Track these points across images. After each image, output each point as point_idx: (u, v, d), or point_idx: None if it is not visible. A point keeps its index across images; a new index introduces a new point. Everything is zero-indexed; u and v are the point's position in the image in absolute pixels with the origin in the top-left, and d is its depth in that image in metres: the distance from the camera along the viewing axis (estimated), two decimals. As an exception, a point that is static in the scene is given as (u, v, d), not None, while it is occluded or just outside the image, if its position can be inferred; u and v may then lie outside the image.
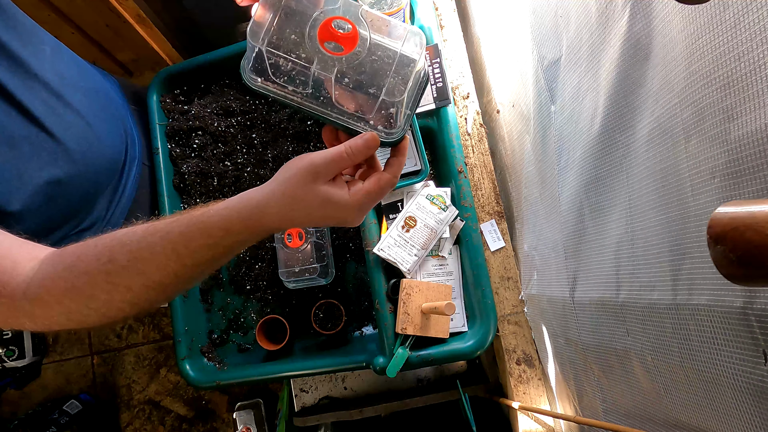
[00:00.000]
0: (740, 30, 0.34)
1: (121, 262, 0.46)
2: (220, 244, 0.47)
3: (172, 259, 0.46)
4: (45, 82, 0.66)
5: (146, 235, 0.47)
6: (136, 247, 0.47)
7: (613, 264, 0.54)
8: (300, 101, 0.50)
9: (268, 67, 0.49)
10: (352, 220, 0.50)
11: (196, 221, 0.47)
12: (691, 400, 0.45)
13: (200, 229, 0.46)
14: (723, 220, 0.25)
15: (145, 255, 0.46)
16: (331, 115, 0.50)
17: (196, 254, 0.47)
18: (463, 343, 0.73)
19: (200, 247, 0.46)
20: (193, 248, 0.46)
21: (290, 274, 0.83)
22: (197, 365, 0.87)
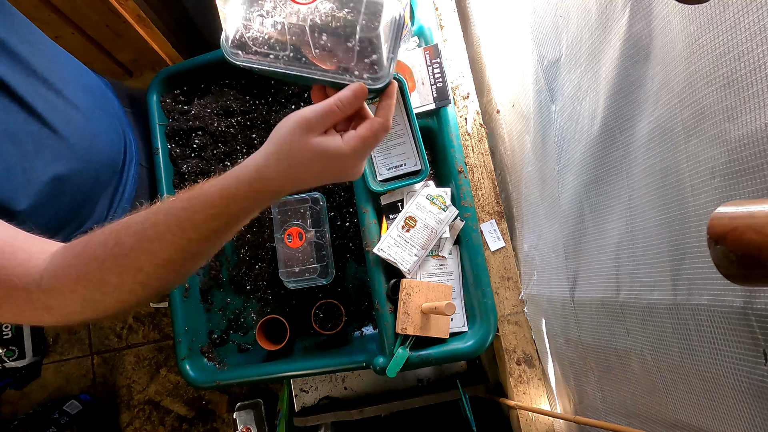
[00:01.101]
0: (740, 30, 0.34)
1: (128, 244, 0.46)
2: (224, 213, 0.47)
3: (177, 235, 0.46)
4: (44, 78, 0.66)
5: (149, 215, 0.47)
6: (141, 228, 0.47)
7: (613, 264, 0.54)
8: (284, 67, 0.50)
9: (247, 40, 0.50)
10: (351, 169, 0.50)
11: (197, 194, 0.47)
12: (691, 400, 0.45)
13: (202, 202, 0.46)
14: (723, 220, 0.25)
15: (150, 234, 0.46)
16: (315, 74, 0.50)
17: (201, 227, 0.46)
18: (463, 343, 0.73)
19: (205, 219, 0.46)
20: (198, 221, 0.46)
21: (290, 274, 0.83)
22: (197, 365, 0.87)
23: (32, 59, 0.64)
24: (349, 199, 0.91)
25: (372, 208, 0.77)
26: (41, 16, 1.09)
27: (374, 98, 0.56)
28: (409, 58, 0.78)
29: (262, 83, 0.97)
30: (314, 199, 0.86)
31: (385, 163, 0.79)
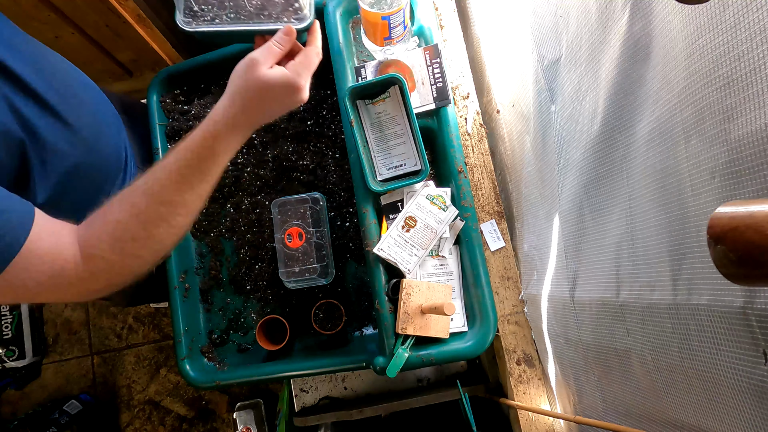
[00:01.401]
0: (740, 30, 0.34)
1: (142, 203, 0.55)
2: (211, 152, 0.57)
3: (179, 181, 0.56)
4: (52, 72, 0.67)
5: (149, 176, 0.56)
6: (147, 186, 0.56)
7: (613, 264, 0.54)
8: (228, 27, 0.63)
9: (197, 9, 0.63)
10: (298, 94, 0.61)
11: (185, 146, 0.57)
12: (691, 400, 0.45)
13: (189, 148, 0.56)
14: (723, 220, 0.25)
15: (156, 188, 0.55)
16: (254, 26, 0.63)
17: (196, 168, 0.56)
18: (463, 343, 0.73)
19: (198, 160, 0.56)
20: (193, 164, 0.56)
21: (290, 274, 0.83)
22: (197, 365, 0.87)
23: (39, 57, 0.66)
24: (349, 199, 0.91)
25: (372, 208, 0.77)
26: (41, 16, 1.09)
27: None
28: (409, 58, 0.78)
29: (262, 83, 0.97)
30: (314, 199, 0.86)
31: (385, 163, 0.79)
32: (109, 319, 1.81)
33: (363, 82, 0.75)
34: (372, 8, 0.72)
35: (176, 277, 0.89)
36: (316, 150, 0.93)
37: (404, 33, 0.78)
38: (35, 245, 0.51)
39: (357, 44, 0.84)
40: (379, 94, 0.78)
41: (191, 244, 0.94)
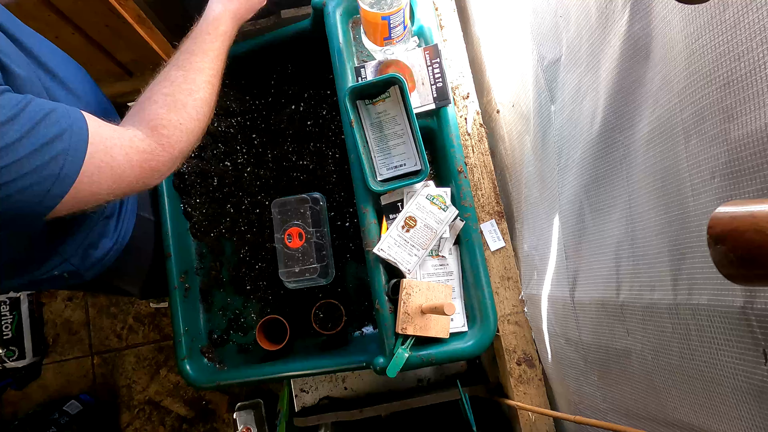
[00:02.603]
0: (740, 30, 0.34)
1: (179, 78, 0.65)
2: (217, 33, 0.70)
3: (200, 53, 0.68)
4: (62, 55, 0.74)
5: (173, 59, 0.68)
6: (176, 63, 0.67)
7: (613, 264, 0.54)
8: None
9: None
10: None
11: (194, 34, 0.70)
12: (691, 400, 0.45)
13: (200, 32, 0.70)
14: (723, 220, 0.25)
15: (184, 63, 0.67)
16: None
17: (210, 43, 0.69)
18: (463, 343, 0.73)
19: (208, 36, 0.70)
20: (206, 39, 0.69)
21: (290, 274, 0.83)
22: (197, 365, 0.87)
23: (47, 57, 0.68)
24: (349, 199, 0.91)
25: (372, 208, 0.77)
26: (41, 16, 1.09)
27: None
28: (409, 58, 0.78)
29: (262, 83, 0.97)
30: (314, 199, 0.86)
31: (385, 163, 0.79)
32: (109, 319, 1.81)
33: (363, 82, 0.75)
34: (372, 8, 0.72)
35: (176, 277, 0.89)
36: (316, 150, 0.93)
37: (404, 33, 0.78)
38: (98, 128, 0.55)
39: (357, 44, 0.84)
40: (379, 94, 0.78)
41: (191, 244, 0.94)
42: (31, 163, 0.48)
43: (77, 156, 0.51)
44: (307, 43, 0.90)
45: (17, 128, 0.48)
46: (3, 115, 0.47)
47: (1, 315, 1.70)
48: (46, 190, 0.50)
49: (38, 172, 0.49)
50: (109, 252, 0.79)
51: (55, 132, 0.50)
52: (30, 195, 0.49)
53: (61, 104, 0.54)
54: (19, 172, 0.47)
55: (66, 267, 0.75)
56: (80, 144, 0.52)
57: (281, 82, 0.96)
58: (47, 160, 0.49)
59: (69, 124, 0.52)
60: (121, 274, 0.87)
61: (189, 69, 0.66)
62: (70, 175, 0.51)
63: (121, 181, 0.56)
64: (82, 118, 0.54)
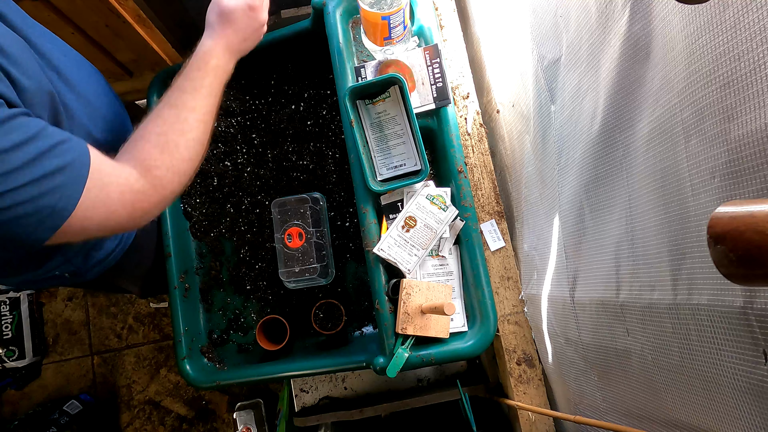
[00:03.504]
0: (740, 30, 0.34)
1: (170, 117, 0.64)
2: (208, 64, 0.69)
3: (192, 91, 0.67)
4: (76, 57, 0.75)
5: (165, 97, 0.67)
6: (168, 102, 0.66)
7: (613, 264, 0.54)
8: None
9: None
10: (254, 10, 0.73)
11: (187, 69, 0.68)
12: (691, 400, 0.45)
13: (192, 68, 0.68)
14: (723, 220, 0.25)
15: (176, 101, 0.66)
16: None
17: (203, 80, 0.68)
18: (463, 343, 0.73)
19: (200, 73, 0.68)
20: (199, 76, 0.68)
21: (290, 274, 0.83)
22: (197, 365, 0.87)
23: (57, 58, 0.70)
24: (349, 199, 0.91)
25: (372, 208, 0.77)
26: (41, 16, 1.09)
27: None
28: (409, 58, 0.78)
29: (262, 83, 0.97)
30: (314, 199, 0.86)
31: (385, 163, 0.79)
32: (109, 319, 1.81)
33: (363, 82, 0.75)
34: (372, 8, 0.72)
35: (176, 277, 0.89)
36: (316, 150, 0.93)
37: (404, 33, 0.78)
38: (100, 164, 0.55)
39: (357, 44, 0.84)
40: (379, 94, 0.78)
41: (191, 244, 0.94)
42: (29, 192, 0.48)
43: (75, 190, 0.51)
44: (307, 43, 0.90)
45: (22, 156, 0.47)
46: (11, 140, 0.47)
47: (1, 315, 1.70)
48: (40, 221, 0.50)
49: (35, 202, 0.48)
50: (112, 252, 0.79)
51: (57, 164, 0.50)
52: (24, 224, 0.49)
53: (70, 136, 0.54)
54: (15, 200, 0.47)
55: (68, 267, 0.75)
56: (80, 179, 0.52)
57: (281, 82, 0.96)
58: (45, 191, 0.49)
59: (73, 158, 0.52)
60: (123, 273, 0.87)
61: (181, 107, 0.65)
62: (67, 209, 0.51)
63: (112, 218, 0.56)
64: (87, 152, 0.54)
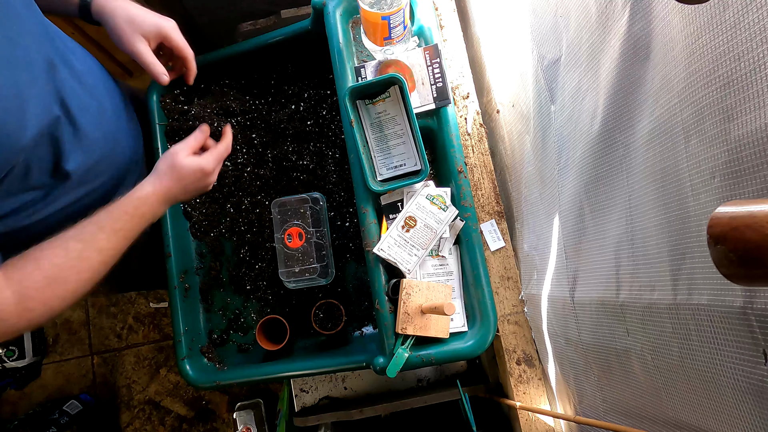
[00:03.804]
0: (740, 30, 0.34)
1: (76, 250, 0.62)
2: (140, 211, 0.69)
3: (110, 232, 0.65)
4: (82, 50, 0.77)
5: (80, 227, 0.64)
6: (80, 234, 0.63)
7: (613, 264, 0.54)
8: None
9: None
10: (207, 175, 0.76)
11: (116, 207, 0.67)
12: (691, 400, 0.45)
13: (121, 209, 0.67)
14: (723, 220, 0.25)
15: (89, 237, 0.64)
16: None
17: (126, 224, 0.67)
18: (463, 343, 0.73)
19: (127, 217, 0.67)
20: (124, 219, 0.67)
21: (290, 274, 0.83)
22: (197, 365, 0.87)
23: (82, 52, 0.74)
24: (349, 199, 0.91)
25: (372, 208, 0.77)
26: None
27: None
28: (409, 58, 0.78)
29: (262, 83, 0.97)
30: (314, 199, 0.86)
31: (385, 163, 0.79)
32: (109, 319, 1.81)
33: (363, 82, 0.75)
34: (372, 8, 0.72)
35: (176, 277, 0.89)
36: (316, 150, 0.93)
37: (404, 33, 0.78)
38: None
39: (357, 44, 0.84)
40: (379, 94, 0.78)
41: (191, 244, 0.94)
42: None
43: None
44: (307, 43, 0.90)
45: None
46: None
47: (1, 315, 1.70)
48: None
49: None
50: None
51: None
52: None
53: None
54: None
55: None
56: None
57: (281, 82, 0.96)
58: None
59: None
60: None
61: (90, 245, 0.63)
62: None
63: None
64: None
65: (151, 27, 0.73)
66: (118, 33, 0.73)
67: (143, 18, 0.73)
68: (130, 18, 0.72)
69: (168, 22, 0.76)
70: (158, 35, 0.75)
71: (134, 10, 0.73)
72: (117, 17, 0.72)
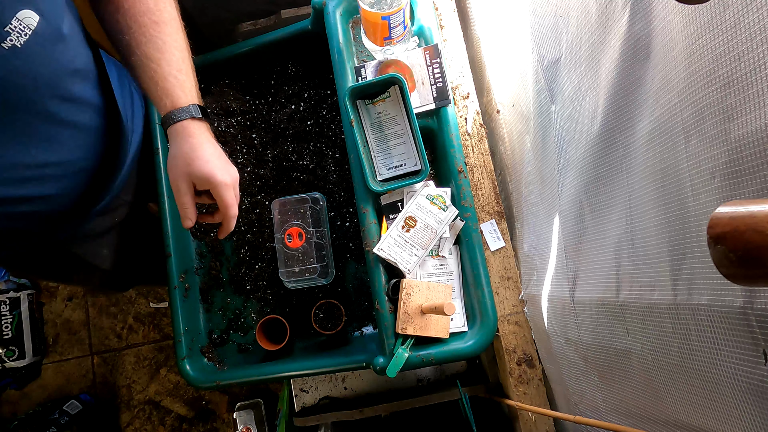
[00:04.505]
0: (740, 30, 0.34)
1: None
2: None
3: None
4: None
5: None
6: None
7: (613, 264, 0.54)
8: None
9: None
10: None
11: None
12: (691, 400, 0.45)
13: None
14: (723, 220, 0.25)
15: None
16: None
17: None
18: (463, 343, 0.73)
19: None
20: None
21: (290, 274, 0.83)
22: (197, 365, 0.87)
23: None
24: (349, 199, 0.91)
25: (372, 208, 0.77)
26: (41, 16, 1.09)
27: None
28: (409, 58, 0.78)
29: (262, 83, 0.97)
30: (314, 199, 0.86)
31: (385, 163, 0.79)
32: (109, 319, 1.81)
33: (363, 82, 0.75)
34: (372, 8, 0.72)
35: (176, 277, 0.89)
36: (316, 150, 0.93)
37: (404, 33, 0.78)
38: None
39: (357, 44, 0.84)
40: (379, 94, 0.78)
41: (191, 244, 0.94)
42: None
43: None
44: (307, 43, 0.90)
45: None
46: None
47: (1, 315, 1.70)
48: None
49: None
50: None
51: None
52: None
53: None
54: None
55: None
56: None
57: (281, 82, 0.96)
58: None
59: None
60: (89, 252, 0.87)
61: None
62: None
63: None
64: None
65: (201, 178, 0.67)
66: (171, 164, 0.69)
67: (199, 165, 0.67)
68: (188, 158, 0.67)
69: (223, 179, 0.68)
70: (205, 185, 0.69)
71: (198, 153, 0.67)
72: (179, 150, 0.68)
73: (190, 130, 0.68)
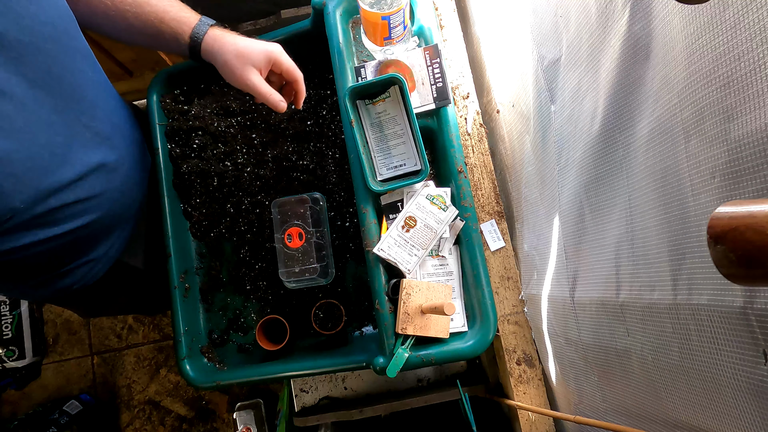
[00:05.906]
0: (740, 30, 0.34)
1: None
2: None
3: None
4: None
5: None
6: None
7: (613, 264, 0.54)
8: None
9: None
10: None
11: None
12: (691, 400, 0.45)
13: None
14: (723, 220, 0.25)
15: None
16: None
17: None
18: (463, 343, 0.73)
19: None
20: None
21: (290, 274, 0.83)
22: (197, 365, 0.87)
23: None
24: (349, 199, 0.91)
25: (372, 208, 0.77)
26: (41, 16, 1.09)
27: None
28: (409, 58, 0.78)
29: (262, 83, 0.97)
30: (314, 199, 0.86)
31: (385, 163, 0.79)
32: (109, 319, 1.81)
33: (363, 82, 0.75)
34: (372, 8, 0.72)
35: (176, 277, 0.89)
36: (316, 150, 0.93)
37: (404, 33, 0.78)
38: None
39: (357, 44, 0.84)
40: (379, 94, 0.78)
41: (191, 244, 0.94)
42: None
43: None
44: (306, 43, 0.90)
45: None
46: None
47: (1, 315, 1.70)
48: None
49: None
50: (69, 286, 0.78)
51: None
52: None
53: None
54: None
55: None
56: None
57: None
58: None
59: None
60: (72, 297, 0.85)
61: None
62: None
63: None
64: None
65: (260, 55, 0.72)
66: (229, 68, 0.73)
67: (251, 48, 0.72)
68: (238, 52, 0.72)
69: (274, 47, 0.74)
70: (268, 62, 0.74)
71: (242, 43, 0.73)
72: (226, 53, 0.72)
73: (219, 34, 0.74)
